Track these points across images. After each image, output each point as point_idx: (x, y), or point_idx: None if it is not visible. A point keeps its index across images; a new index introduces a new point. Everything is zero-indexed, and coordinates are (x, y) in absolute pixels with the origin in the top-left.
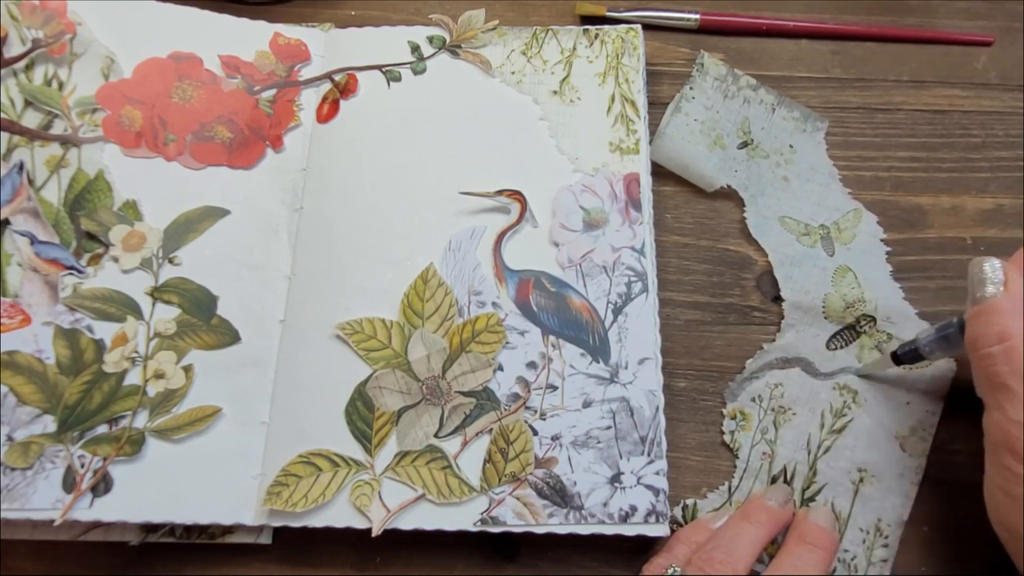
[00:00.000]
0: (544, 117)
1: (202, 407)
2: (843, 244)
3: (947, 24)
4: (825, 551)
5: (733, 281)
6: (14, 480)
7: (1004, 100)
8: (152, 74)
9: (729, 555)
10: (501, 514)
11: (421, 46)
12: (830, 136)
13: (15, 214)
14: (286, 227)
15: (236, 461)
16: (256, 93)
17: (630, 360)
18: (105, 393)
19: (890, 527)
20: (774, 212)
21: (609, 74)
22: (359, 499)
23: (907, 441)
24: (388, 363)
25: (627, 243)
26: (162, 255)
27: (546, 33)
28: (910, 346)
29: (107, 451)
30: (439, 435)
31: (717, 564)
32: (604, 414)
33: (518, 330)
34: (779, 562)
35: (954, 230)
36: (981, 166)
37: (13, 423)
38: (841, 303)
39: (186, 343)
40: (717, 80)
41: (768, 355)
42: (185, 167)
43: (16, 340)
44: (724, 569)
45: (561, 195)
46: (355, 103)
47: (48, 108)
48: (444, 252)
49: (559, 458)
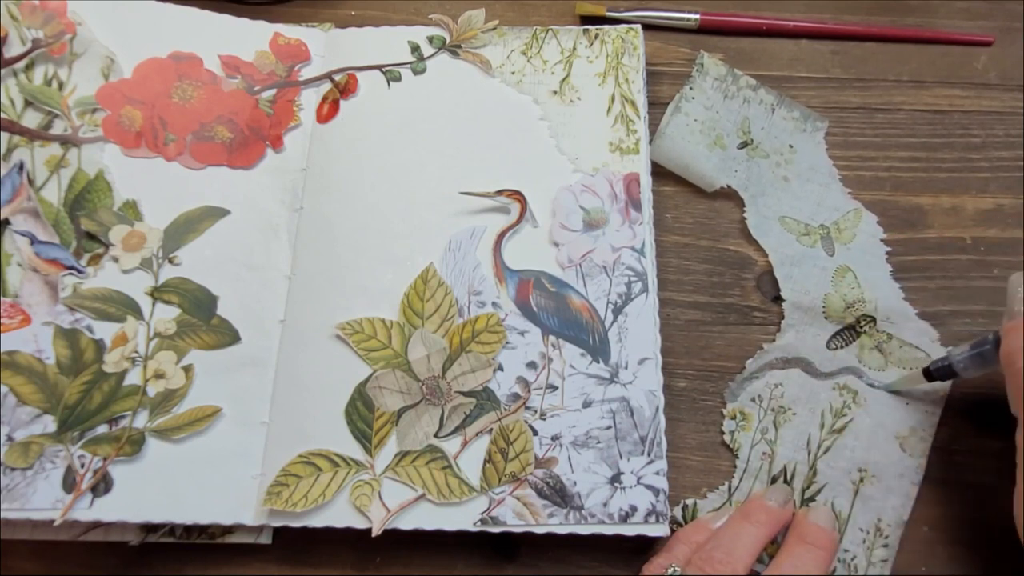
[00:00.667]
0: (544, 117)
1: (202, 407)
2: (843, 244)
3: (947, 24)
4: (825, 551)
5: (733, 281)
6: (14, 480)
7: (1004, 100)
8: (152, 74)
9: (729, 555)
10: (501, 514)
11: (421, 46)
12: (830, 136)
13: (15, 214)
14: (286, 227)
15: (236, 461)
16: (256, 93)
17: (630, 360)
18: (105, 393)
19: (890, 527)
20: (774, 212)
21: (609, 74)
22: (359, 499)
23: (907, 441)
24: (388, 363)
25: (627, 243)
26: (162, 255)
27: (546, 33)
28: (943, 362)
29: (107, 451)
30: (439, 435)
31: (717, 564)
32: (604, 414)
33: (518, 330)
34: (779, 562)
35: (954, 230)
36: (981, 166)
37: (13, 423)
38: (841, 303)
39: (186, 343)
40: (717, 80)
41: (768, 355)
42: (185, 167)
43: (16, 340)
44: (724, 569)
45: (561, 195)
46: (355, 103)
47: (48, 108)
48: (444, 252)
49: (559, 458)
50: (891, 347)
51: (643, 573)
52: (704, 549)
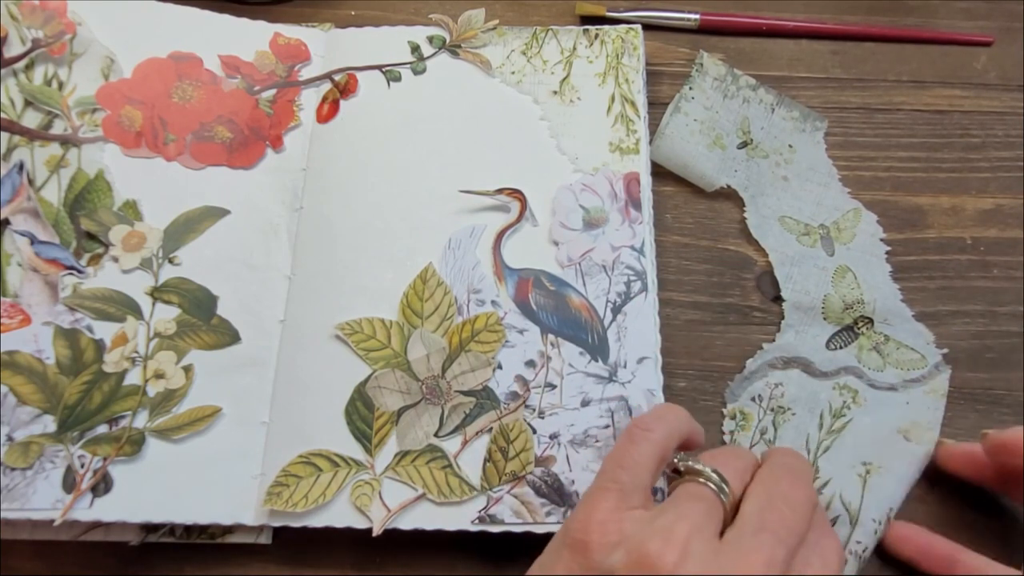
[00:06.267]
0: (544, 117)
1: (202, 407)
2: (843, 244)
3: (947, 24)
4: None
5: (733, 281)
6: (14, 480)
7: (1004, 100)
8: (152, 74)
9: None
10: (499, 512)
11: (421, 46)
12: (830, 136)
13: (15, 214)
14: (286, 227)
15: (236, 461)
16: (256, 93)
17: (629, 359)
18: (105, 393)
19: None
20: (774, 212)
21: (609, 74)
22: (359, 499)
23: (911, 432)
24: (388, 363)
25: (627, 242)
26: (162, 255)
27: (546, 33)
28: None
29: (107, 451)
30: (439, 434)
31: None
32: (603, 413)
33: (517, 329)
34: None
35: (954, 230)
36: (981, 166)
37: (13, 423)
38: (840, 304)
39: (186, 343)
40: (716, 80)
41: (768, 355)
42: (185, 167)
43: (16, 340)
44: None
45: (561, 194)
46: (355, 103)
47: (48, 108)
48: (444, 251)
49: (557, 457)
50: (888, 348)
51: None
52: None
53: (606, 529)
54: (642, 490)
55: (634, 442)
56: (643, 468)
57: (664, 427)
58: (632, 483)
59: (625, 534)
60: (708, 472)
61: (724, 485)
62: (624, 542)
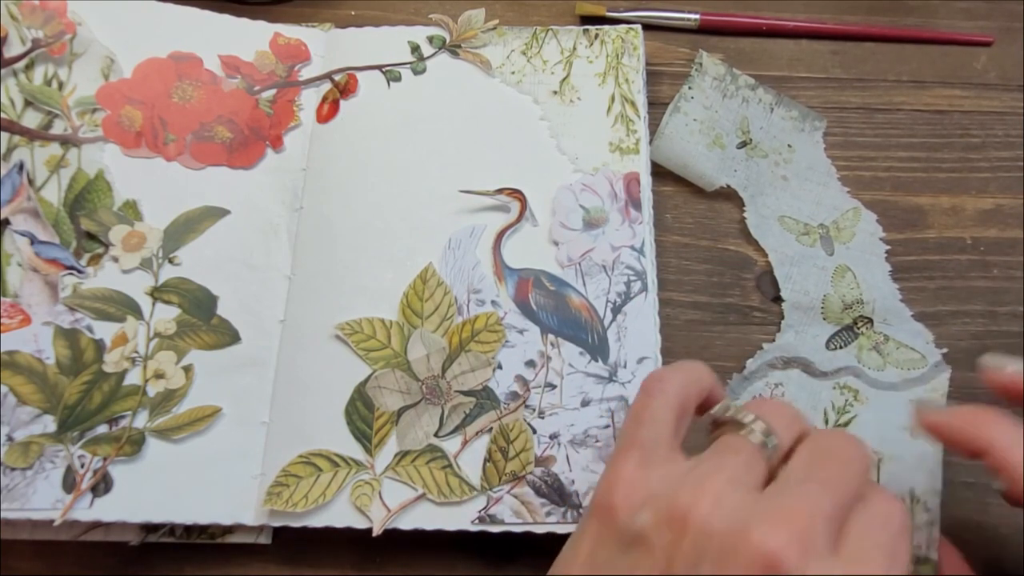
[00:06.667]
0: (544, 117)
1: (202, 407)
2: (842, 243)
3: (947, 24)
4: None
5: (733, 281)
6: (14, 480)
7: (1004, 100)
8: (152, 74)
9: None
10: (499, 512)
11: (421, 46)
12: (830, 136)
13: (15, 214)
14: (286, 227)
15: (236, 461)
16: (256, 93)
17: (629, 359)
18: (105, 393)
19: (927, 494)
20: (773, 212)
21: (609, 74)
22: (359, 499)
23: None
24: (388, 363)
25: (627, 242)
26: (162, 255)
27: (546, 33)
28: None
29: (107, 451)
30: (439, 434)
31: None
32: (603, 413)
33: (517, 329)
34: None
35: (954, 230)
36: (981, 166)
37: (13, 423)
38: (840, 304)
39: (186, 343)
40: (716, 80)
41: (768, 355)
42: (185, 167)
43: (16, 340)
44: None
45: (561, 194)
46: (355, 103)
47: (48, 108)
48: (444, 251)
49: (557, 457)
50: (888, 348)
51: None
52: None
53: (632, 489)
54: (665, 444)
55: (650, 395)
56: (662, 421)
57: (680, 376)
58: (653, 438)
59: (652, 491)
60: (752, 421)
61: (770, 437)
62: (651, 500)
